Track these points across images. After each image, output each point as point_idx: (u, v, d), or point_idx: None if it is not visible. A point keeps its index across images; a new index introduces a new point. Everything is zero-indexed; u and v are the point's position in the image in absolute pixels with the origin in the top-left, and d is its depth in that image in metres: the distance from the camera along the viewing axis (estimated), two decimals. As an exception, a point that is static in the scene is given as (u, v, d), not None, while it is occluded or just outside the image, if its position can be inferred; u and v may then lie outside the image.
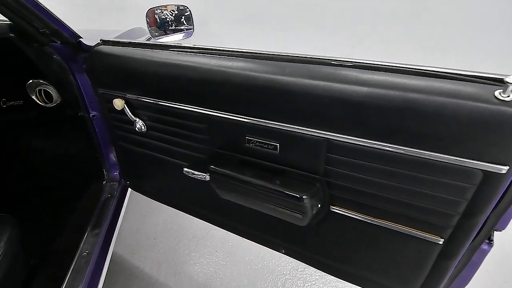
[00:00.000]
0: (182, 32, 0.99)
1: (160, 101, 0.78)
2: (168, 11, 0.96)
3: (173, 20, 0.98)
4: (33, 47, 0.87)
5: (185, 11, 0.96)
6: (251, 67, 0.60)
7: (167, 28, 0.99)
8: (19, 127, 1.29)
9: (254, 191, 0.68)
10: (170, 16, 0.97)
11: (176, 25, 0.98)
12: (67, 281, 0.85)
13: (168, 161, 0.91)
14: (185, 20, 0.98)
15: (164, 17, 0.96)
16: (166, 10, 0.95)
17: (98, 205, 1.14)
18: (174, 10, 0.96)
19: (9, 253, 0.77)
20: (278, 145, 0.63)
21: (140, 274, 1.35)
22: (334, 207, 0.67)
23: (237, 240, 1.48)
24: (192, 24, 0.99)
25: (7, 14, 0.75)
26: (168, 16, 0.96)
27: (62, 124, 1.26)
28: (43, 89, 1.02)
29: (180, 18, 0.97)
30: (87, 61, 0.91)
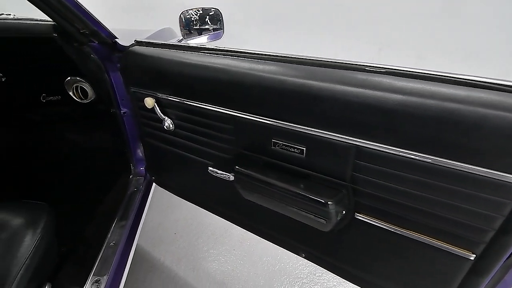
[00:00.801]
0: (212, 34, 1.02)
1: (189, 101, 0.80)
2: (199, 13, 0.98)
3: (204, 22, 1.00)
4: (73, 47, 0.92)
5: (216, 13, 0.98)
6: (281, 71, 0.61)
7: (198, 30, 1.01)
8: (55, 121, 1.37)
9: (278, 194, 0.68)
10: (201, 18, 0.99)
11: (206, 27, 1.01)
12: (95, 269, 0.89)
13: (193, 159, 0.93)
14: (216, 22, 1.00)
15: (195, 19, 0.98)
16: (198, 13, 0.98)
17: (125, 198, 1.19)
18: (205, 12, 0.98)
19: (45, 239, 0.82)
20: (304, 149, 0.63)
21: (161, 267, 1.39)
22: (359, 215, 0.66)
23: (255, 240, 1.49)
24: (222, 27, 1.01)
25: (51, 15, 0.80)
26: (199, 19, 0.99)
27: (94, 120, 1.33)
28: (80, 86, 1.08)
29: (211, 20, 0.99)
30: (121, 60, 0.95)
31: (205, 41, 1.02)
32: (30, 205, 0.88)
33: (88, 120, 1.39)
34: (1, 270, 0.73)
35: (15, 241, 0.78)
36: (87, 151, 1.49)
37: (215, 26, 1.00)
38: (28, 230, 0.81)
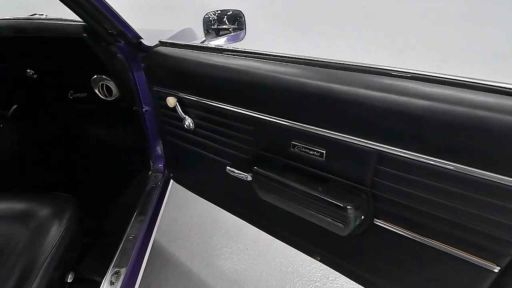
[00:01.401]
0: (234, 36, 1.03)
1: (210, 101, 0.82)
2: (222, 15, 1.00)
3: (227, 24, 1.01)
4: (101, 46, 0.96)
5: (239, 15, 0.99)
6: (303, 73, 0.61)
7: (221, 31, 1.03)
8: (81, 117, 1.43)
9: (296, 196, 0.68)
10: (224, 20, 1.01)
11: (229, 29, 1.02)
12: (115, 261, 0.93)
13: (211, 158, 0.95)
14: (238, 24, 1.01)
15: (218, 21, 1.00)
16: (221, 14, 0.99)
17: (144, 193, 1.22)
18: (228, 14, 0.99)
19: (70, 230, 0.86)
20: (324, 152, 0.63)
21: (176, 262, 1.42)
22: (378, 220, 0.65)
23: (268, 240, 1.50)
24: (244, 28, 1.02)
25: (83, 16, 0.84)
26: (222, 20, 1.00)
27: (117, 116, 1.38)
28: (105, 84, 1.12)
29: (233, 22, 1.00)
30: (145, 60, 0.98)
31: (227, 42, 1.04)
32: (57, 197, 0.92)
33: (111, 117, 1.44)
34: (30, 257, 0.77)
35: (43, 230, 0.83)
36: (109, 147, 1.55)
37: (237, 27, 1.02)
38: (54, 221, 0.85)
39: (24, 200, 0.90)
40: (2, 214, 0.87)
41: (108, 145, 1.56)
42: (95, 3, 0.79)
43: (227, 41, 1.03)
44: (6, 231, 0.83)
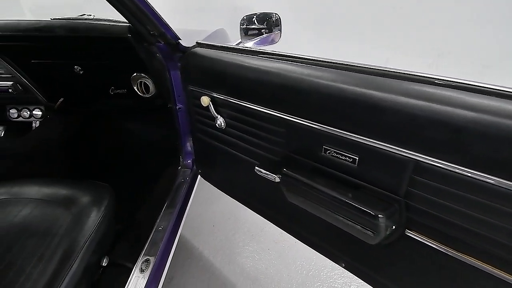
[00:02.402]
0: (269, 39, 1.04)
1: (243, 102, 0.83)
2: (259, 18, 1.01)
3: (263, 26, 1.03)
4: (143, 46, 1.01)
5: (275, 18, 1.01)
6: (341, 78, 0.61)
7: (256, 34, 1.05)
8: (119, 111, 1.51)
9: (325, 201, 0.68)
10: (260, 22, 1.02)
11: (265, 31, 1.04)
12: (145, 250, 0.98)
13: (240, 157, 0.97)
14: (274, 27, 1.02)
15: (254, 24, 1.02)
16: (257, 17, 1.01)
17: (173, 187, 1.27)
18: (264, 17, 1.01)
19: (107, 217, 0.92)
20: (357, 158, 0.63)
21: (199, 255, 1.47)
22: (410, 232, 0.63)
23: (289, 242, 1.50)
24: (280, 31, 1.03)
25: (128, 18, 0.90)
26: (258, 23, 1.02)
27: (152, 113, 1.44)
28: (143, 81, 1.18)
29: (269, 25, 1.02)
30: (182, 60, 1.02)
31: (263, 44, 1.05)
32: (96, 185, 0.99)
33: (146, 113, 1.51)
34: (71, 240, 0.83)
35: (83, 216, 0.89)
36: (143, 141, 1.63)
37: (273, 30, 1.03)
38: (93, 207, 0.92)
39: (68, 187, 0.98)
40: (48, 198, 0.96)
41: (142, 139, 1.64)
42: (141, 5, 0.84)
43: (263, 43, 1.05)
44: (51, 214, 0.91)
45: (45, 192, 0.97)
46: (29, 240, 0.83)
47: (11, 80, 1.26)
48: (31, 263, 0.78)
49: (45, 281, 0.74)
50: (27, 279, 0.74)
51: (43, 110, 1.51)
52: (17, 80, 1.26)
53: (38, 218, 0.89)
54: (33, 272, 0.76)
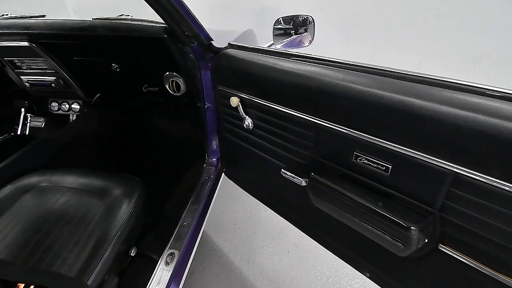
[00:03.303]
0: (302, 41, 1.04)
1: (273, 104, 0.84)
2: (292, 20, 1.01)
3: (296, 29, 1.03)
4: (177, 46, 1.05)
5: (309, 20, 1.00)
6: (377, 84, 0.59)
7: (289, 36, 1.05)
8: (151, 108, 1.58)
9: (354, 208, 0.67)
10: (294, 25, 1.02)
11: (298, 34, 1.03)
12: (171, 243, 1.01)
13: (266, 159, 0.97)
14: (308, 29, 1.02)
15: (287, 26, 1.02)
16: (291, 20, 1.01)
17: (198, 184, 1.30)
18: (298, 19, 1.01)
19: (137, 209, 0.96)
20: (390, 167, 0.61)
21: (219, 252, 1.49)
22: (444, 246, 0.60)
23: (310, 246, 1.48)
24: (313, 34, 1.02)
25: (165, 19, 0.93)
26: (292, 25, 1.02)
27: (182, 111, 1.49)
28: (175, 80, 1.22)
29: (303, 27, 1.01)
30: (214, 60, 1.04)
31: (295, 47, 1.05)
32: (129, 179, 1.04)
33: (176, 111, 1.56)
34: (104, 229, 0.88)
35: (115, 207, 0.94)
36: (171, 137, 1.68)
37: (306, 33, 1.02)
38: (125, 199, 0.96)
39: (102, 178, 1.03)
40: (84, 188, 1.02)
41: (170, 136, 1.70)
42: (178, 7, 0.86)
43: (295, 45, 1.04)
44: (86, 203, 0.96)
45: (81, 182, 1.03)
46: (66, 226, 0.89)
47: (54, 76, 1.35)
48: (67, 248, 0.83)
49: (79, 266, 0.78)
50: (63, 263, 0.80)
51: (81, 104, 1.60)
52: (59, 76, 1.35)
53: (75, 206, 0.95)
54: (69, 257, 0.81)
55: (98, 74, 1.32)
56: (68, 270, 0.78)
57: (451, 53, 2.53)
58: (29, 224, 0.90)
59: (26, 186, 1.02)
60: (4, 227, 0.89)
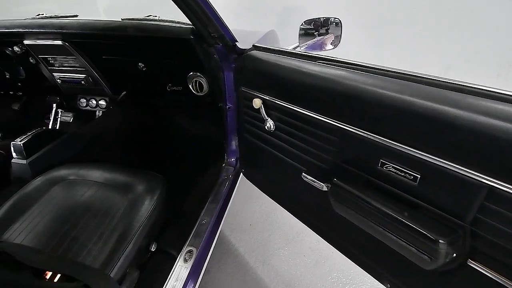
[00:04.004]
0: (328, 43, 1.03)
1: (296, 107, 0.83)
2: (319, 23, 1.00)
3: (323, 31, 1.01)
4: (202, 47, 1.06)
5: (336, 23, 0.99)
6: (409, 91, 0.58)
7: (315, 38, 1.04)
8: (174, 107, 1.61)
9: (378, 217, 0.65)
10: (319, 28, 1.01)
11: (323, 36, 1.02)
12: (190, 241, 1.03)
13: (286, 161, 0.97)
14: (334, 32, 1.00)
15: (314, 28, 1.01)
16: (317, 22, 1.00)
17: (217, 183, 1.32)
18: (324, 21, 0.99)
19: (158, 206, 0.98)
20: (419, 176, 0.59)
21: (235, 252, 1.50)
22: (474, 262, 0.57)
23: (327, 252, 1.46)
24: (340, 37, 1.00)
25: (193, 20, 0.94)
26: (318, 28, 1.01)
27: (203, 110, 1.51)
28: (198, 80, 1.24)
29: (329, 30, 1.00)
30: (238, 61, 1.05)
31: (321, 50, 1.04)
32: (151, 175, 1.07)
33: (198, 110, 1.59)
34: (127, 223, 0.91)
35: (138, 202, 0.97)
36: (192, 136, 1.71)
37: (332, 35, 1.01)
38: (147, 196, 0.99)
39: (126, 174, 1.06)
40: (109, 182, 1.05)
41: (191, 135, 1.73)
42: (205, 8, 0.88)
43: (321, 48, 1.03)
44: (111, 197, 1.00)
45: (106, 177, 1.07)
46: (92, 219, 0.92)
47: (84, 73, 1.41)
48: (92, 240, 0.87)
49: (103, 258, 0.81)
50: (88, 254, 0.83)
51: (107, 101, 1.67)
52: (89, 74, 1.40)
53: (100, 200, 0.98)
54: (93, 249, 0.84)
55: (125, 73, 1.36)
56: (92, 261, 0.81)
57: (481, 57, 2.41)
58: (58, 215, 0.94)
59: (55, 178, 1.07)
60: (34, 216, 0.94)
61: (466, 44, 2.42)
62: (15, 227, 0.90)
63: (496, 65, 2.41)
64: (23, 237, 0.88)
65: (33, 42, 1.28)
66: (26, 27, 1.25)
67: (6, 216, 0.94)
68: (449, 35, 2.45)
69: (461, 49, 2.45)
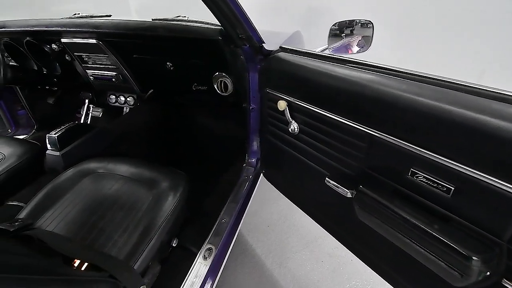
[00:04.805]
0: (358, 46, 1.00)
1: (322, 110, 0.82)
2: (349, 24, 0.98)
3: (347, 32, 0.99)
4: (230, 48, 1.07)
5: (368, 25, 0.96)
6: (448, 99, 0.55)
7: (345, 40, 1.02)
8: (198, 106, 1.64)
9: (405, 228, 0.63)
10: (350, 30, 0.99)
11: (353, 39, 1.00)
12: (209, 238, 1.04)
13: (309, 165, 0.96)
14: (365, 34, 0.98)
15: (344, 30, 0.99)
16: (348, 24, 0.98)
17: (237, 183, 1.33)
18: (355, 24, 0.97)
19: (180, 203, 1.00)
20: (453, 188, 0.56)
21: (252, 252, 1.51)
22: (509, 282, 0.54)
23: (345, 258, 1.43)
24: (371, 40, 0.98)
25: (222, 22, 0.95)
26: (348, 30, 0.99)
27: (226, 110, 1.53)
28: (223, 80, 1.25)
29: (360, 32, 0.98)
30: (264, 63, 1.05)
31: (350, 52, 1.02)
32: (175, 172, 1.09)
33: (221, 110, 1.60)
34: (151, 218, 0.93)
35: (162, 198, 0.99)
36: (214, 135, 1.74)
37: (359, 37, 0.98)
38: (171, 192, 1.01)
39: (151, 170, 1.10)
40: (135, 177, 1.09)
41: (213, 134, 1.75)
42: (235, 10, 0.88)
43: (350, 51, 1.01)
44: (136, 191, 1.03)
45: (133, 172, 1.10)
46: (118, 212, 0.96)
47: (115, 71, 1.46)
48: (118, 232, 0.90)
49: (128, 250, 0.84)
50: (114, 246, 0.86)
51: (135, 98, 1.73)
52: (119, 71, 1.46)
53: (127, 193, 1.02)
54: (119, 241, 0.87)
55: (153, 72, 1.40)
56: (118, 252, 0.84)
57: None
58: (87, 205, 0.98)
59: (85, 170, 1.12)
60: (66, 206, 0.99)
61: (504, 48, 2.28)
62: (48, 215, 0.96)
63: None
64: (54, 225, 0.93)
65: (69, 41, 1.35)
66: (64, 26, 1.32)
67: (40, 204, 0.99)
68: (485, 39, 2.32)
69: (497, 54, 2.31)
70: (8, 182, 1.23)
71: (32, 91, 1.84)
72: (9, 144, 1.36)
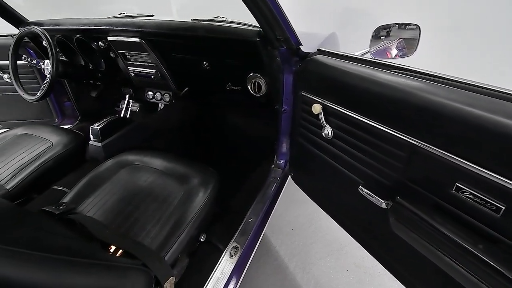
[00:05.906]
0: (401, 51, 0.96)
1: (360, 116, 0.79)
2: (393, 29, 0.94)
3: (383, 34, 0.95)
4: (267, 49, 1.08)
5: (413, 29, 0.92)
6: (502, 110, 0.51)
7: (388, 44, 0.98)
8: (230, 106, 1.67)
9: (447, 246, 0.59)
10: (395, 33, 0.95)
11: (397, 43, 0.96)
12: (236, 237, 1.06)
13: (341, 171, 0.93)
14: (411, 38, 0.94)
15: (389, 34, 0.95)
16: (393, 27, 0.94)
17: (265, 183, 1.33)
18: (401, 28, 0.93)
19: (210, 199, 1.03)
20: (503, 208, 0.52)
21: (275, 254, 1.50)
22: None
23: (372, 270, 1.38)
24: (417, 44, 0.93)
25: (261, 23, 0.96)
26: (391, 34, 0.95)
27: (258, 111, 1.53)
28: (257, 81, 1.26)
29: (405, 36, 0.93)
30: (301, 65, 1.04)
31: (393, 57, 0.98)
32: (206, 169, 1.12)
33: (253, 110, 1.62)
34: (182, 212, 0.96)
35: (193, 194, 1.02)
36: (244, 135, 1.76)
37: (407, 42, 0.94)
38: (201, 188, 1.04)
39: (184, 165, 1.13)
40: (168, 172, 1.13)
41: (244, 134, 1.77)
42: (275, 12, 0.89)
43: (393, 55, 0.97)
44: (169, 185, 1.07)
45: (166, 166, 1.15)
46: (152, 203, 1.00)
47: (154, 69, 1.53)
48: (151, 223, 0.94)
49: (159, 241, 0.88)
50: (146, 236, 0.90)
51: (171, 95, 1.79)
52: (158, 69, 1.52)
53: (160, 187, 1.06)
54: (152, 231, 0.91)
55: (190, 71, 1.45)
56: (150, 242, 0.88)
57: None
58: (123, 195, 1.04)
59: (123, 162, 1.19)
60: (104, 194, 1.05)
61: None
62: (88, 201, 1.02)
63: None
64: (94, 212, 0.99)
65: (115, 39, 1.43)
66: (111, 25, 1.41)
67: (82, 191, 1.07)
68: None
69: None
70: (55, 168, 1.33)
71: (78, 84, 1.98)
72: (56, 133, 1.47)
